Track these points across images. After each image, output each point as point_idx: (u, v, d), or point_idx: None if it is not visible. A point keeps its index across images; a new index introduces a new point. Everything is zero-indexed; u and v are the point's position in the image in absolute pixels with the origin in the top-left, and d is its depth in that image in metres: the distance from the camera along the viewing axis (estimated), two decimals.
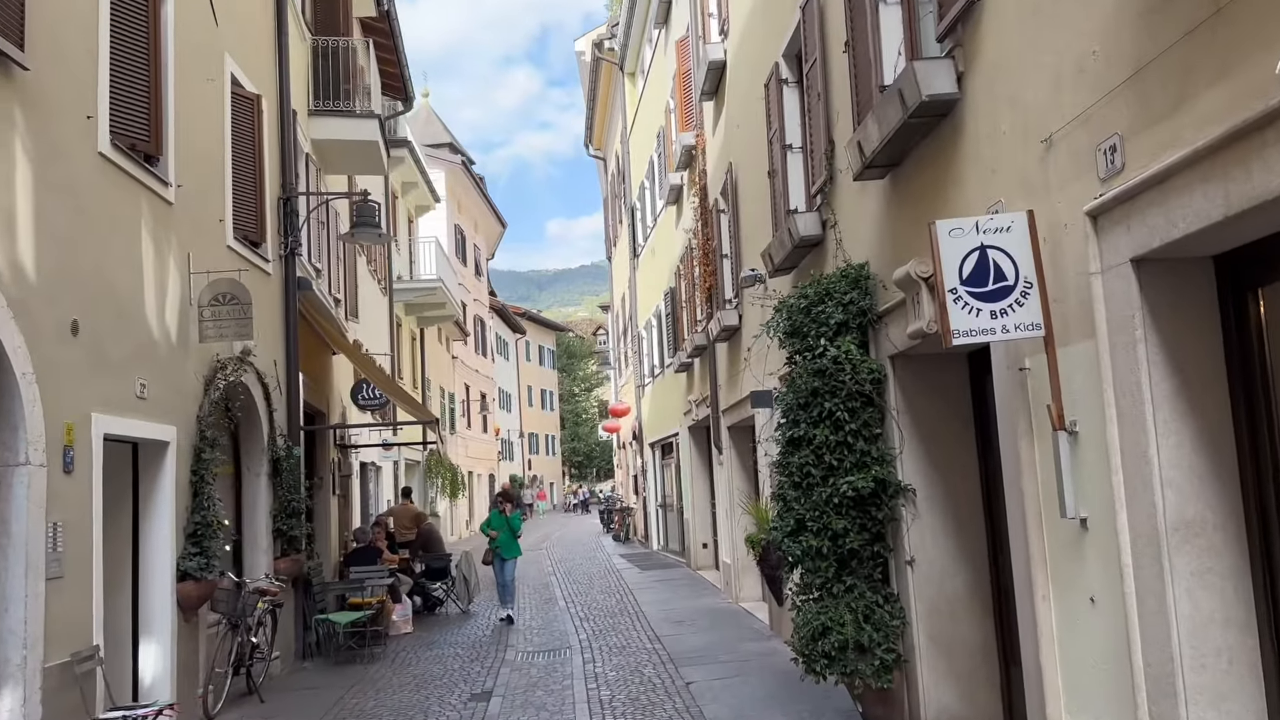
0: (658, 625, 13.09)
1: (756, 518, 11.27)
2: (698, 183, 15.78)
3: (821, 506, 7.16)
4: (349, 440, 17.63)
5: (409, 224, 28.75)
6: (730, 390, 14.29)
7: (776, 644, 11.13)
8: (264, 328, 11.32)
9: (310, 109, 14.92)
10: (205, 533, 9.03)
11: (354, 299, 18.37)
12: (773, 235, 10.25)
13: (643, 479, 26.78)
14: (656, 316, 22.85)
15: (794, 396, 7.46)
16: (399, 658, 12.06)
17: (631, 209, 25.81)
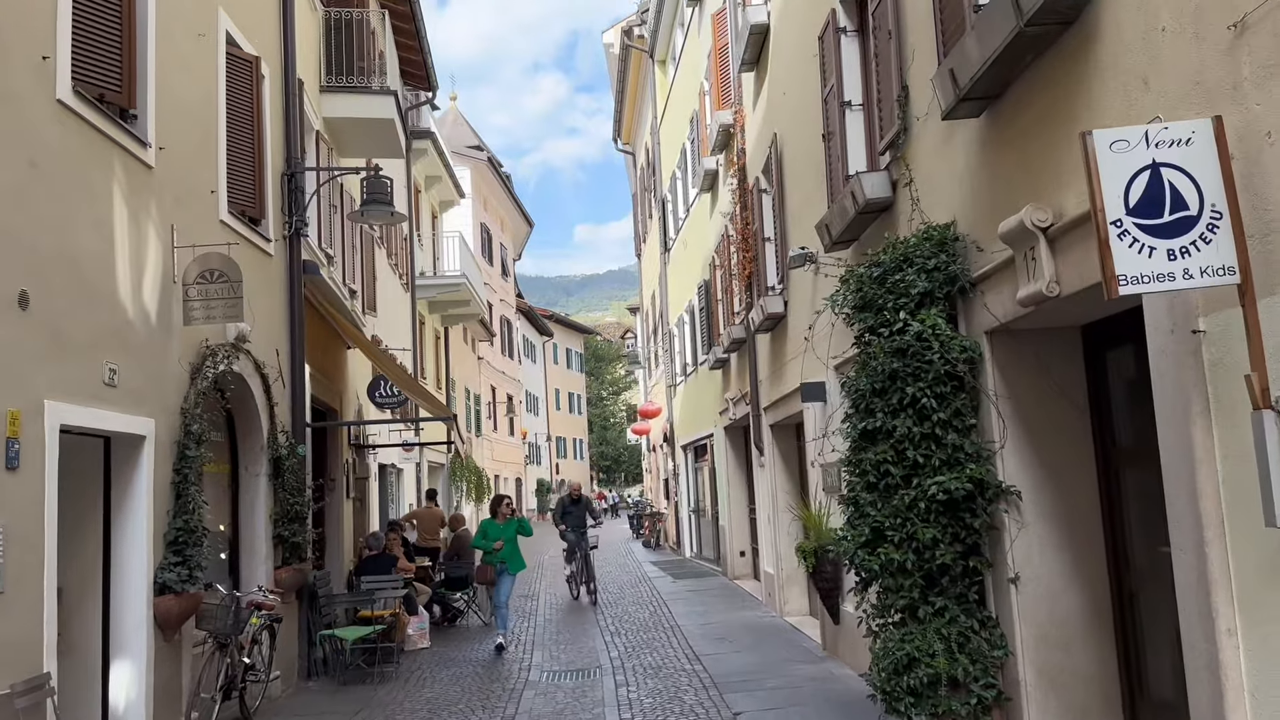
0: (696, 642, 11.86)
1: (809, 525, 10.04)
2: (736, 163, 14.58)
3: (904, 512, 5.94)
4: (365, 440, 16.52)
5: (433, 219, 27.69)
6: (773, 385, 13.06)
7: (832, 666, 9.88)
8: (264, 313, 10.22)
9: (322, 85, 13.85)
10: (189, 539, 7.90)
11: (372, 292, 17.28)
12: (828, 205, 9.03)
13: (674, 483, 25.55)
14: (689, 312, 21.65)
15: (867, 381, 6.24)
16: (413, 677, 10.90)
17: (662, 201, 24.63)
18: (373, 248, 17.65)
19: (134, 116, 7.72)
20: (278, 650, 9.93)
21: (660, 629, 13.15)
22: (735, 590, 16.77)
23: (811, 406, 10.47)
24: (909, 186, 7.01)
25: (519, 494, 44.25)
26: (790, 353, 11.78)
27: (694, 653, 11.19)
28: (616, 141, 32.31)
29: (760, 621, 13.17)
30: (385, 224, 11.58)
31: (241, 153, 9.89)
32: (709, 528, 21.78)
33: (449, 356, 28.69)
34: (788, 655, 10.70)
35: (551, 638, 13.19)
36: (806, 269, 10.31)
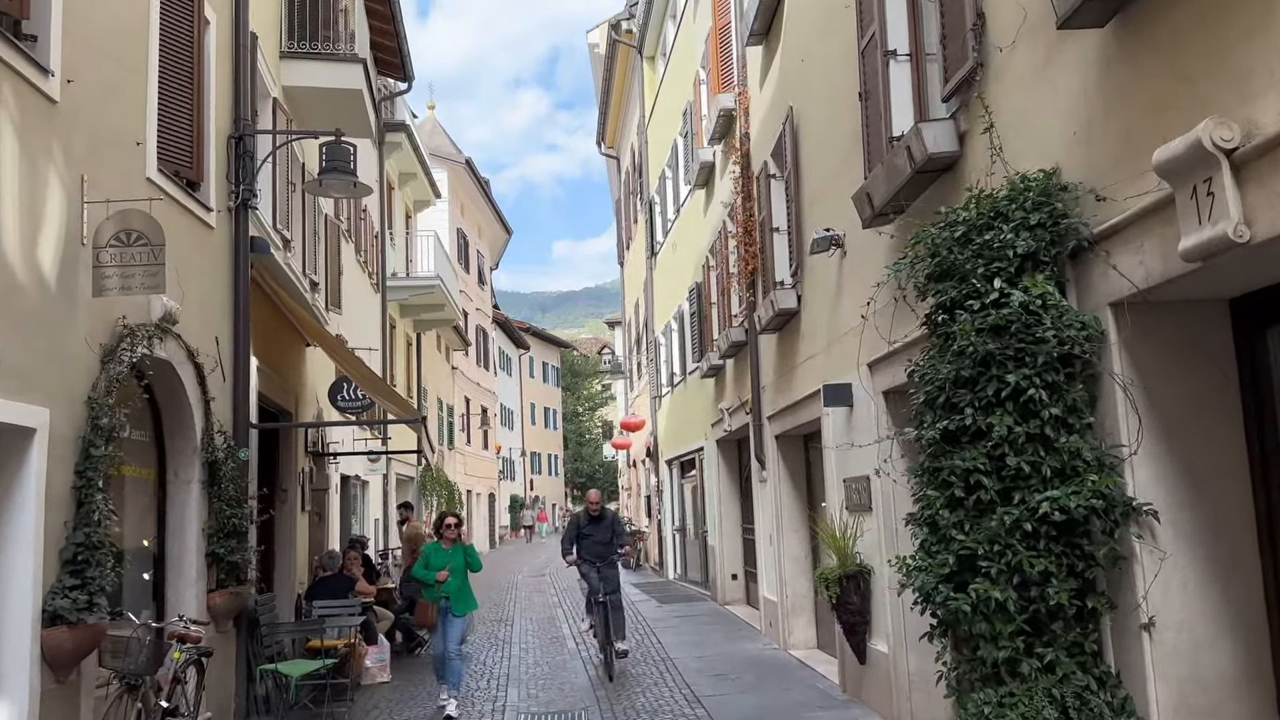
0: (694, 679, 10.41)
1: (832, 548, 8.62)
2: (738, 149, 13.23)
3: (1004, 537, 4.54)
4: (325, 448, 15.00)
5: (406, 219, 26.22)
6: (780, 391, 11.67)
7: (857, 714, 8.46)
8: (201, 293, 8.74)
9: (283, 50, 12.42)
10: (91, 558, 6.38)
11: (337, 287, 15.79)
12: (866, 173, 7.67)
13: (657, 500, 24.10)
14: (677, 319, 20.27)
15: (950, 368, 4.84)
16: (371, 718, 9.40)
17: (649, 203, 23.27)
18: (338, 239, 16.18)
19: (33, 38, 6.27)
20: (209, 688, 8.40)
21: (651, 662, 11.69)
22: (728, 617, 15.32)
23: (834, 412, 9.08)
24: (988, 133, 5.64)
25: (490, 510, 42.61)
26: (805, 353, 10.40)
27: (693, 694, 9.73)
28: (600, 145, 31.02)
29: (762, 655, 11.73)
30: (347, 196, 10.16)
31: (177, 105, 8.42)
32: (695, 548, 20.33)
33: (421, 364, 27.16)
34: (802, 698, 9.26)
35: (529, 671, 11.70)
36: (831, 254, 8.95)
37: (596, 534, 11.92)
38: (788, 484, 12.08)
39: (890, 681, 7.89)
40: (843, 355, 8.90)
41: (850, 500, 8.82)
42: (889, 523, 7.82)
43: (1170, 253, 4.05)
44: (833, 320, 9.24)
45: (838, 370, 8.98)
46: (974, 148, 6.02)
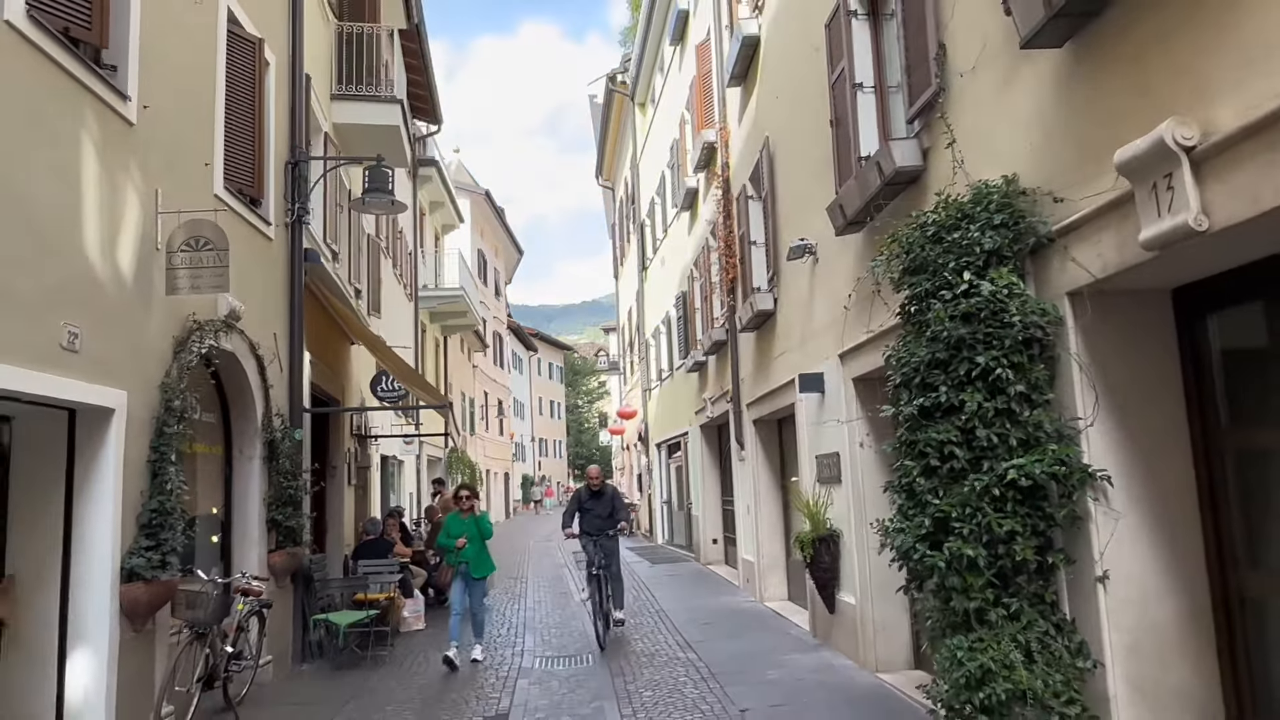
0: (685, 628, 10.11)
1: (808, 515, 8.34)
2: (719, 175, 12.95)
3: (974, 501, 4.27)
4: (368, 431, 14.65)
5: (435, 240, 25.86)
6: (758, 382, 11.39)
7: (829, 656, 8.18)
8: (262, 295, 8.43)
9: (333, 93, 12.08)
10: (164, 522, 6.07)
11: (377, 295, 15.45)
12: (837, 189, 7.41)
13: (647, 477, 23.79)
14: (665, 322, 19.98)
15: (926, 351, 4.57)
16: (407, 662, 9.07)
17: (641, 225, 22.97)
18: (378, 254, 15.84)
19: (112, 68, 5.96)
20: (270, 635, 8.09)
21: (647, 613, 11.38)
22: (710, 575, 15.03)
23: (807, 398, 8.80)
24: (951, 147, 5.37)
25: (506, 487, 42.23)
26: (780, 348, 10.13)
27: (685, 639, 9.44)
28: (598, 178, 30.67)
29: (742, 607, 11.44)
30: (386, 213, 9.86)
31: (241, 132, 8.11)
32: (680, 517, 20.03)
33: (447, 362, 26.80)
34: (779, 643, 8.97)
35: (542, 620, 11.39)
36: (805, 261, 8.67)
37: (597, 508, 10.37)
38: (763, 461, 11.80)
39: (857, 628, 7.61)
40: (815, 349, 8.63)
41: (821, 474, 8.54)
42: (857, 492, 7.55)
43: (1127, 244, 3.79)
44: (806, 319, 8.97)
45: (811, 362, 8.71)
46: (936, 162, 5.75)
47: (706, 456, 16.48)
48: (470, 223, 32.12)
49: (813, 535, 8.12)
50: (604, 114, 27.12)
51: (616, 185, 29.00)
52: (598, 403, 70.97)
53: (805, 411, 9.05)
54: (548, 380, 59.16)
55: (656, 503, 22.64)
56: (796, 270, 9.13)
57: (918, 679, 7.03)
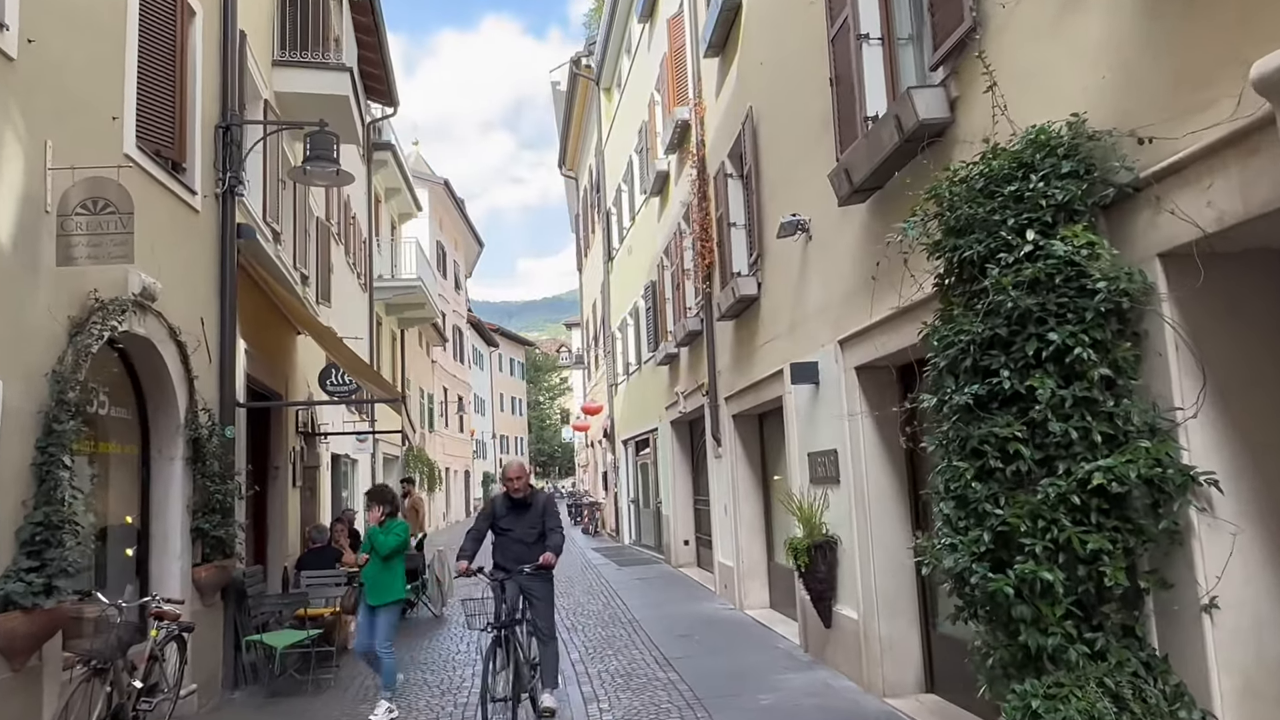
0: (661, 641, 9.23)
1: (801, 519, 7.49)
2: (694, 154, 12.08)
3: (1048, 511, 3.42)
4: (316, 428, 13.57)
5: (392, 229, 24.69)
6: (737, 374, 10.54)
7: (824, 675, 7.34)
8: (185, 274, 7.39)
9: (274, 59, 10.99)
10: (50, 538, 5.03)
11: (326, 282, 14.36)
12: (838, 155, 6.56)
13: (614, 475, 22.88)
14: (633, 314, 19.09)
15: (984, 327, 3.71)
16: (353, 685, 8.07)
17: (606, 214, 22.05)
18: (328, 239, 14.74)
19: None
20: (194, 660, 7.04)
21: (619, 623, 10.48)
22: (682, 579, 14.17)
23: (798, 390, 7.96)
24: (991, 91, 4.51)
25: (466, 485, 41.03)
26: (765, 336, 9.28)
27: (663, 655, 8.55)
28: (561, 168, 29.66)
29: (722, 616, 10.59)
30: (331, 184, 8.83)
31: (160, 86, 7.06)
32: (649, 517, 19.16)
33: (404, 356, 25.63)
34: (768, 659, 8.12)
35: None
36: (797, 238, 7.82)
37: (518, 527, 6.75)
38: (743, 459, 10.95)
39: (860, 646, 6.77)
40: (808, 335, 7.79)
41: (815, 473, 7.70)
42: (859, 494, 6.71)
43: (1254, 188, 2.97)
44: (797, 303, 8.12)
45: (803, 349, 7.87)
46: (966, 112, 4.91)
47: (678, 453, 15.62)
48: (429, 213, 30.94)
49: (807, 541, 7.28)
50: (567, 100, 26.12)
51: (580, 174, 28.03)
52: (560, 399, 70.02)
53: (796, 405, 8.21)
54: (509, 376, 57.97)
55: (623, 501, 21.76)
56: (785, 250, 8.29)
57: (932, 705, 6.21)
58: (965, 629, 6.15)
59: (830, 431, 7.32)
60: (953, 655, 6.19)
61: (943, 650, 6.35)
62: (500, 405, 54.70)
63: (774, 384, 8.91)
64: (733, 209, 10.48)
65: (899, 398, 6.43)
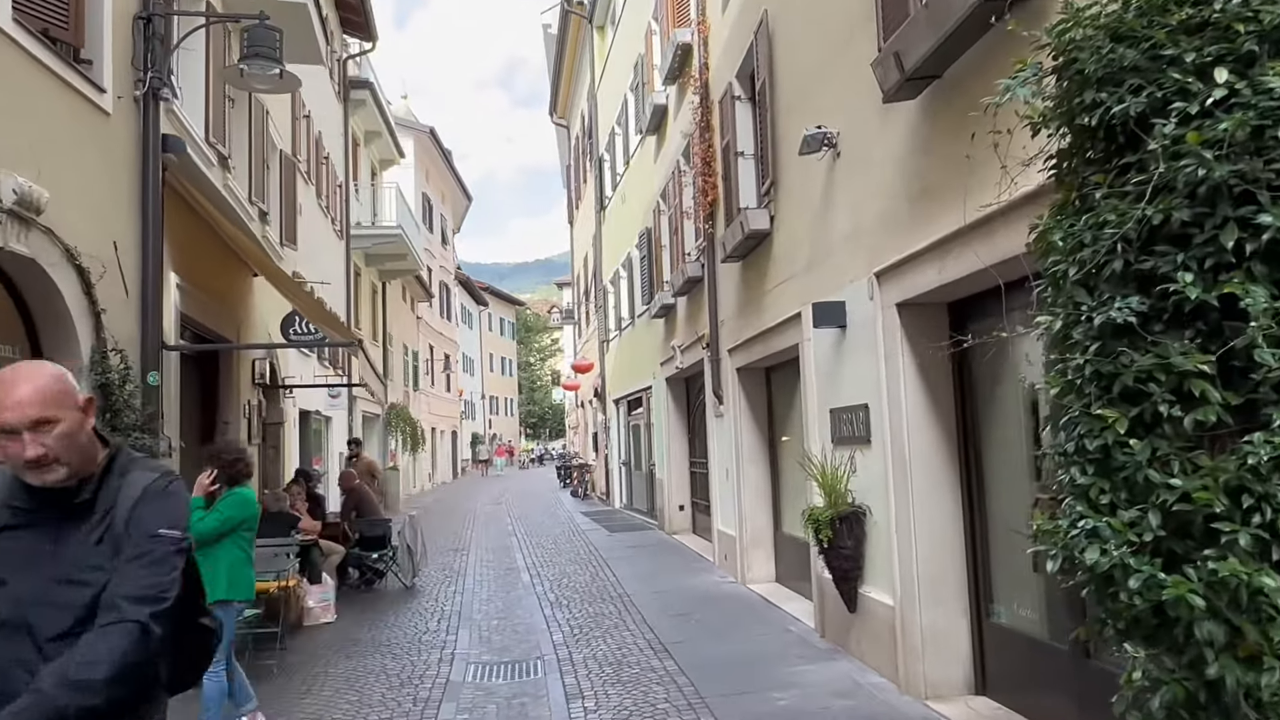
0: (655, 620, 8.14)
1: (822, 486, 6.34)
2: (697, 80, 10.78)
3: (1257, 482, 2.24)
4: (280, 380, 12.36)
5: (372, 176, 23.28)
6: (743, 322, 9.35)
7: (848, 667, 6.24)
8: (91, 188, 6.14)
9: None
10: None
11: (292, 223, 13.06)
12: (880, 44, 5.32)
13: (604, 436, 21.77)
14: (626, 265, 17.84)
15: (1146, 213, 2.50)
16: (300, 671, 6.94)
17: (599, 160, 20.70)
18: (293, 175, 13.41)
19: None
20: None
21: (608, 599, 9.38)
22: (677, 547, 13.10)
23: (820, 336, 6.78)
24: None
25: (454, 446, 39.91)
26: (777, 277, 8.08)
27: (658, 639, 7.45)
28: (553, 115, 28.21)
29: (723, 591, 9.50)
30: (273, 90, 7.54)
31: None
32: (642, 480, 18.06)
33: (386, 311, 24.37)
34: (779, 645, 7.02)
35: (481, 608, 9.33)
36: (821, 155, 6.59)
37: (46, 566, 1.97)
38: (747, 417, 9.80)
39: (895, 637, 5.66)
40: (834, 270, 6.59)
41: (839, 432, 6.55)
42: (898, 456, 5.56)
43: None
44: (819, 235, 6.91)
45: (827, 287, 6.67)
46: None
47: (673, 413, 14.48)
48: (415, 164, 29.48)
49: (830, 512, 6.14)
50: (559, 42, 24.64)
51: (572, 121, 26.58)
52: (551, 360, 68.89)
53: (815, 354, 7.04)
54: (499, 336, 56.67)
55: (614, 463, 20.66)
56: (804, 174, 7.07)
57: (987, 711, 5.11)
58: (1027, 620, 5.09)
59: (860, 383, 6.16)
60: (1010, 650, 5.08)
61: (998, 644, 5.24)
62: (490, 365, 53.49)
63: (788, 331, 7.73)
64: (740, 136, 9.23)
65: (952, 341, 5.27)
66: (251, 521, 5.35)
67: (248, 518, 5.31)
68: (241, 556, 5.25)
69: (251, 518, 5.36)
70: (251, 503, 5.38)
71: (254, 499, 5.44)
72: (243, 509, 5.29)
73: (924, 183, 5.08)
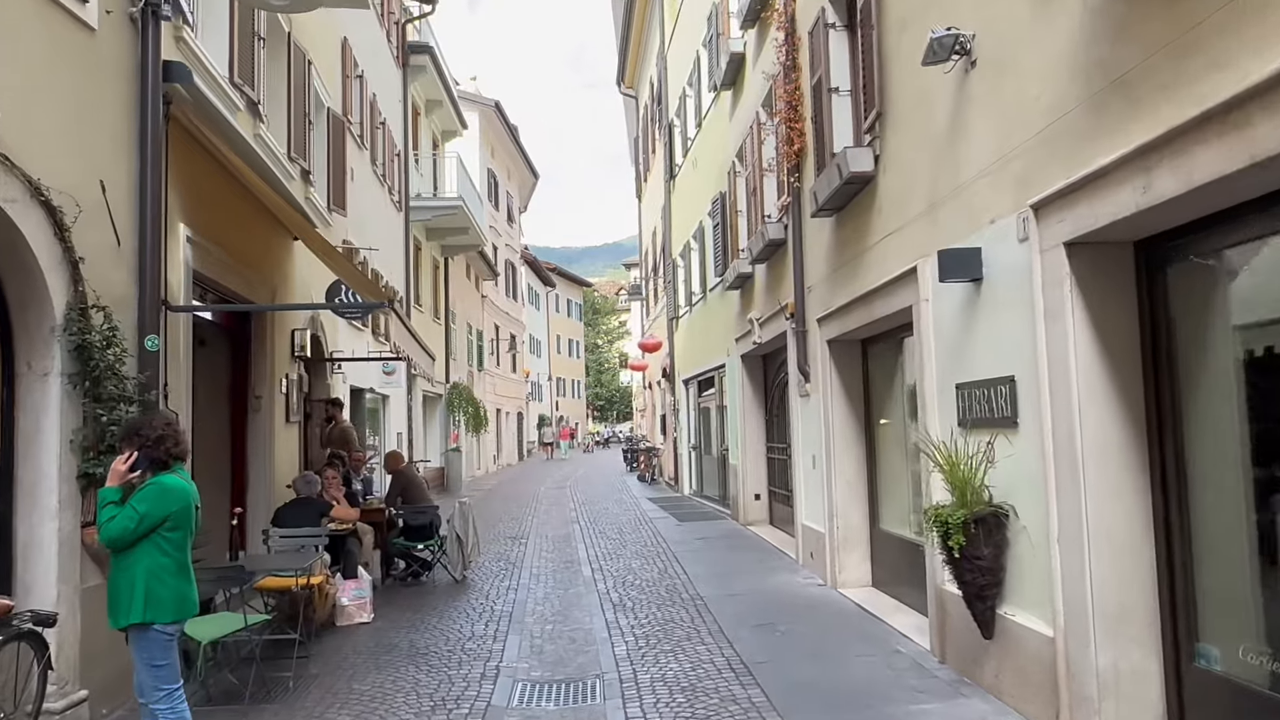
0: (734, 631, 6.92)
1: (950, 479, 5.03)
2: (781, 13, 9.44)
3: None
4: (328, 353, 11.43)
5: (433, 148, 22.38)
6: (839, 286, 8.03)
7: (983, 707, 4.92)
8: (69, 115, 5.13)
9: None
10: None
11: (340, 187, 12.12)
12: None
13: (673, 419, 20.57)
14: (697, 236, 16.56)
15: None
16: (319, 687, 5.89)
17: (668, 127, 19.42)
18: (343, 135, 12.46)
19: None
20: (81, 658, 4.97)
21: (679, 602, 8.19)
22: (753, 541, 11.84)
23: (947, 292, 5.45)
24: None
25: (520, 427, 39.14)
26: (884, 228, 6.74)
27: (738, 656, 6.23)
28: (619, 85, 27.04)
29: (810, 596, 8.22)
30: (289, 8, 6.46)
31: None
32: (713, 466, 16.83)
33: (449, 288, 23.52)
34: (889, 671, 5.73)
35: (536, 607, 8.23)
36: (950, 67, 5.24)
37: None
38: (840, 397, 8.47)
39: (1055, 679, 4.33)
40: (964, 210, 5.25)
41: (971, 413, 5.22)
42: (1064, 447, 4.22)
43: None
44: (943, 168, 5.56)
45: (955, 233, 5.33)
46: None
47: (749, 393, 13.20)
48: (479, 139, 28.56)
49: (963, 513, 4.83)
50: (626, 12, 23.44)
51: (640, 89, 25.35)
52: (618, 342, 68.06)
53: (935, 315, 5.71)
54: (566, 318, 55.82)
55: (683, 448, 19.46)
56: (923, 98, 5.72)
57: None
58: (1249, 666, 3.73)
59: (1002, 350, 4.82)
60: (1223, 706, 3.73)
61: (1205, 697, 3.89)
62: (557, 347, 52.70)
63: (897, 291, 6.40)
64: (834, 70, 7.88)
65: (1145, 290, 3.94)
66: (180, 518, 4.05)
67: (173, 514, 4.01)
68: (166, 564, 3.99)
69: (179, 514, 4.04)
70: (178, 494, 4.05)
71: (183, 489, 4.09)
72: (163, 502, 3.99)
73: (1113, 75, 3.72)
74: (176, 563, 4.04)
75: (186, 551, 4.09)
